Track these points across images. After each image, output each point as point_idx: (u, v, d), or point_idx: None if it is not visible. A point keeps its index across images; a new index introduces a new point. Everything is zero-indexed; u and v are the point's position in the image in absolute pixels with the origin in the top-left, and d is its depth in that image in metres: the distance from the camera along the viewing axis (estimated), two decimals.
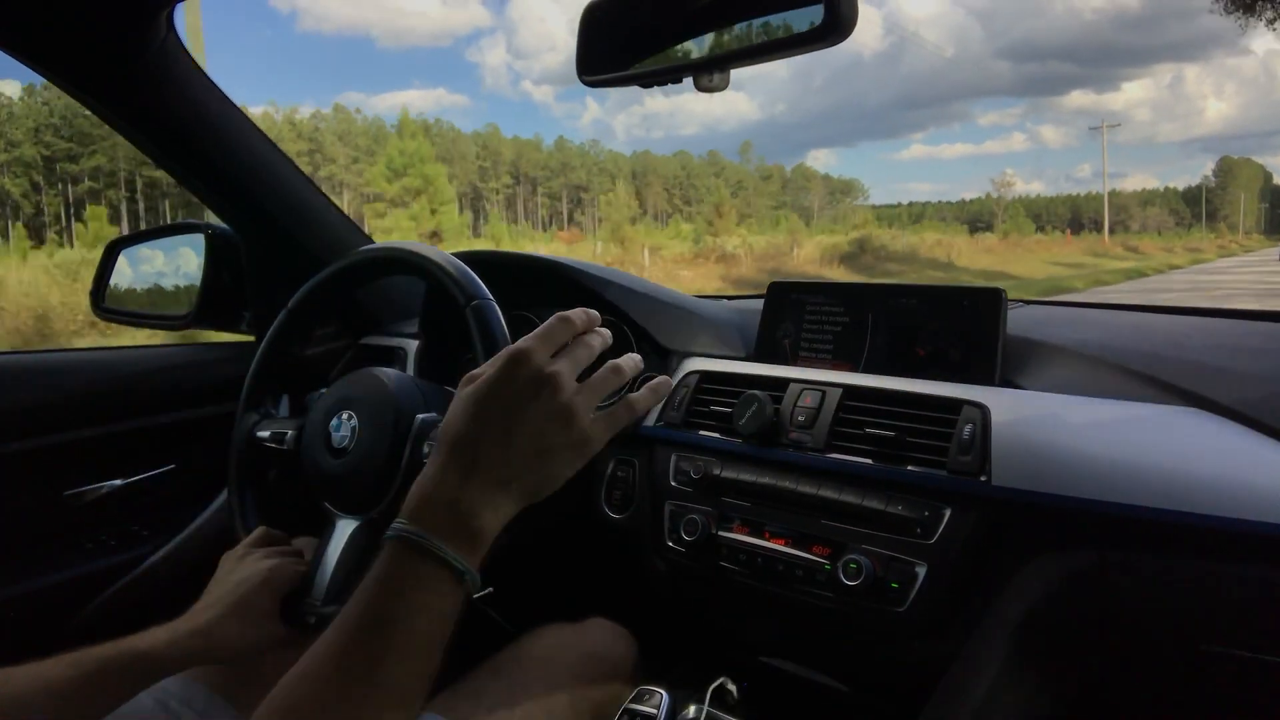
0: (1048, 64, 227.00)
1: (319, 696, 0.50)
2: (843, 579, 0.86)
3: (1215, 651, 0.71)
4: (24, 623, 1.09)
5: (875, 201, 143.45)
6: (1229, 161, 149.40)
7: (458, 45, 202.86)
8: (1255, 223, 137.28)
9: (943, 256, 30.03)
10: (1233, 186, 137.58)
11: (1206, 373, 0.82)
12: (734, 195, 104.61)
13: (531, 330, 0.61)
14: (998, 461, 0.81)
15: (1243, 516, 0.69)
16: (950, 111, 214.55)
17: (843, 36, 0.65)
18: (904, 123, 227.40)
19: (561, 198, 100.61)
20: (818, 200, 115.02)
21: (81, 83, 1.06)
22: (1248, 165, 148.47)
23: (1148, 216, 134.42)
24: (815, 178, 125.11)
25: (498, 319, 0.81)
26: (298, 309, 0.97)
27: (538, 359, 0.58)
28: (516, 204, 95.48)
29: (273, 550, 0.83)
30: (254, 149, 1.23)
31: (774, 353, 1.07)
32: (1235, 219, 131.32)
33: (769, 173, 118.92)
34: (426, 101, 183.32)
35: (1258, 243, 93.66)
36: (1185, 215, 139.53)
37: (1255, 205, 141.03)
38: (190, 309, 1.34)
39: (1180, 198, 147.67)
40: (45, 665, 0.67)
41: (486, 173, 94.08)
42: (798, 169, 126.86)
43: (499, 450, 0.56)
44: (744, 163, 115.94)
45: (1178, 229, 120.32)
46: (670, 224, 59.36)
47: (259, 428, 0.94)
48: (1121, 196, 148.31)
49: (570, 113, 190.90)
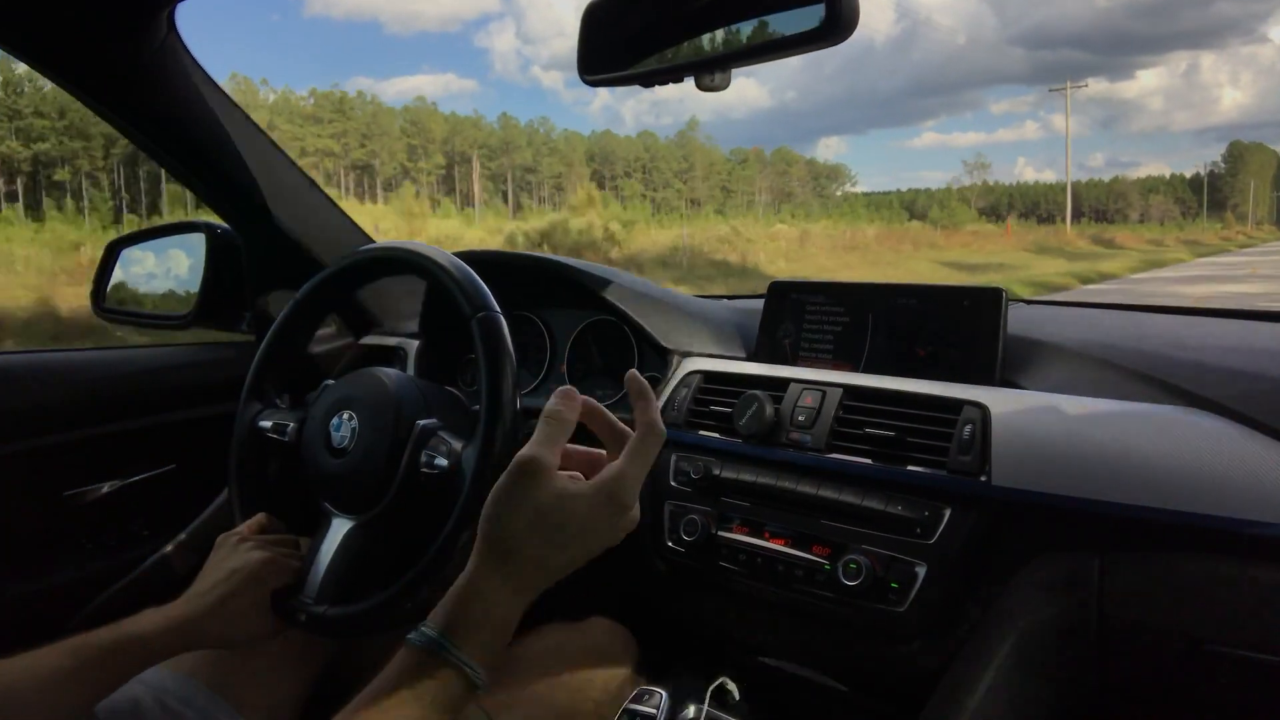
0: (1061, 51, 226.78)
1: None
2: (843, 579, 0.86)
3: (1216, 651, 0.71)
4: (24, 623, 1.09)
5: (868, 188, 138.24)
6: (1239, 146, 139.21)
7: (466, 30, 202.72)
8: (1268, 212, 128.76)
9: (735, 258, 21.08)
10: (1244, 173, 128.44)
11: (1206, 373, 0.82)
12: (683, 179, 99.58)
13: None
14: (998, 461, 0.81)
15: (1243, 516, 0.69)
16: (963, 99, 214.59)
17: (843, 36, 0.65)
18: (916, 110, 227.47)
19: (507, 179, 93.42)
20: (799, 186, 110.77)
21: (82, 82, 1.06)
22: (1260, 151, 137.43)
23: (1150, 205, 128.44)
24: (797, 162, 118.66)
25: (503, 333, 0.81)
26: (304, 302, 0.97)
27: (559, 478, 0.60)
28: (455, 185, 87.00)
29: (268, 541, 0.83)
30: (254, 148, 1.23)
31: (774, 353, 1.07)
32: (1245, 208, 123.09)
33: (744, 156, 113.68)
34: (435, 87, 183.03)
35: (1269, 234, 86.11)
36: (1192, 204, 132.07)
37: (1268, 193, 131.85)
38: (190, 309, 1.34)
39: (1188, 185, 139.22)
40: (42, 653, 0.68)
41: (416, 151, 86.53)
42: (778, 152, 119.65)
43: (542, 564, 0.59)
44: (710, 144, 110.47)
45: (1183, 219, 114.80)
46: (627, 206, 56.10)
47: (261, 418, 0.94)
48: (1122, 184, 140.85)
49: (580, 99, 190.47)
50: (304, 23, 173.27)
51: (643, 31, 0.78)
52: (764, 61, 0.73)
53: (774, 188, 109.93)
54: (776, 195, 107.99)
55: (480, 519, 0.59)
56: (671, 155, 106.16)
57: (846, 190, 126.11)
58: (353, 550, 0.82)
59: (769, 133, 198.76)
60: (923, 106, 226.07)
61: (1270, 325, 1.06)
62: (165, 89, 1.10)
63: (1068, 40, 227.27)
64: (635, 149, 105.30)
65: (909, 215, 77.12)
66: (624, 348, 1.22)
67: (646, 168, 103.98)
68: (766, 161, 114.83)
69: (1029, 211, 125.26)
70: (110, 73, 1.05)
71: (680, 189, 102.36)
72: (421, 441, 0.81)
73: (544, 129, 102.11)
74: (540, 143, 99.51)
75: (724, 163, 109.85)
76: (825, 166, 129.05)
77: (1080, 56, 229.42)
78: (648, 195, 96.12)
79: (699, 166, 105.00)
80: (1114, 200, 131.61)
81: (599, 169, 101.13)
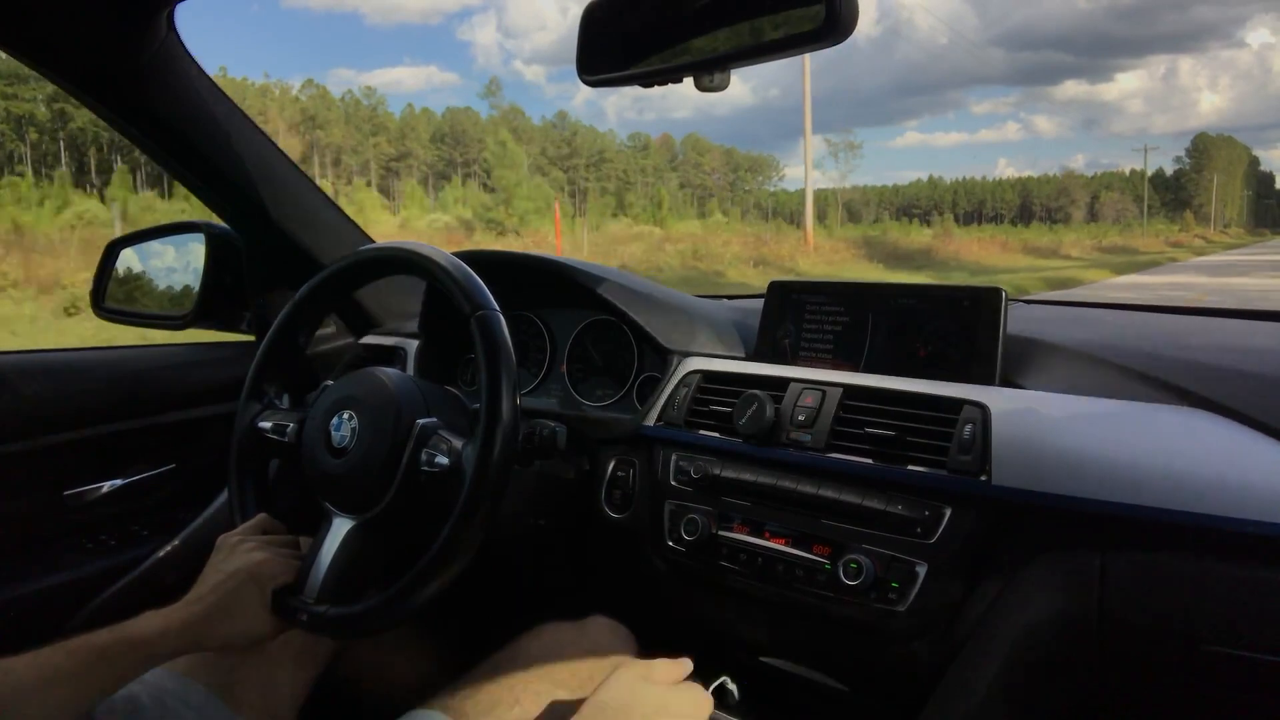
0: (1042, 53, 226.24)
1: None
2: (843, 579, 0.86)
3: (1216, 652, 0.71)
4: (24, 623, 1.09)
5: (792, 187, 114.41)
6: (1205, 139, 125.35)
7: (449, 22, 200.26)
8: (1238, 213, 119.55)
9: None
10: (1209, 168, 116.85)
11: (1206, 373, 0.82)
12: (562, 168, 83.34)
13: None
14: (998, 461, 0.81)
15: (1243, 516, 0.69)
16: (944, 100, 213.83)
17: (843, 36, 0.65)
18: (898, 110, 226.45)
19: (370, 170, 75.58)
20: (711, 178, 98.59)
21: (81, 82, 1.06)
22: (1228, 145, 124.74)
23: (1103, 204, 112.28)
24: (711, 152, 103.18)
25: (502, 331, 0.81)
26: (304, 301, 0.97)
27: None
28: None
29: (267, 541, 0.83)
30: (254, 149, 1.23)
31: (774, 352, 1.07)
32: (1211, 208, 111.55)
33: (644, 142, 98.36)
34: (417, 79, 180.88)
35: (1235, 238, 76.31)
36: (1153, 201, 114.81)
37: (1238, 191, 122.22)
38: (190, 309, 1.35)
39: (1150, 183, 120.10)
40: (42, 654, 0.68)
41: None
42: (688, 140, 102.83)
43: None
44: (604, 130, 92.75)
45: (1135, 219, 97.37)
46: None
47: (261, 418, 0.94)
48: (1069, 180, 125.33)
49: (563, 93, 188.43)
50: (283, 14, 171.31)
51: (642, 31, 0.78)
52: (764, 61, 0.73)
53: (690, 181, 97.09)
54: (697, 190, 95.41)
55: None
56: (548, 139, 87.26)
57: (778, 187, 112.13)
58: (353, 550, 0.82)
59: (753, 130, 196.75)
60: (905, 106, 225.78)
61: (1270, 325, 1.06)
62: (165, 89, 1.10)
63: (1049, 42, 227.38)
64: (498, 129, 76.33)
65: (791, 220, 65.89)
66: (624, 347, 1.22)
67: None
68: (676, 151, 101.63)
69: (905, 211, 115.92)
70: (110, 73, 1.05)
71: (558, 178, 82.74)
72: (422, 440, 0.81)
73: (370, 101, 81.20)
74: (364, 118, 79.02)
75: (615, 150, 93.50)
76: (746, 158, 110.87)
77: (1061, 58, 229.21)
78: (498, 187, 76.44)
79: (584, 153, 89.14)
80: (1055, 197, 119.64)
81: (448, 152, 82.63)
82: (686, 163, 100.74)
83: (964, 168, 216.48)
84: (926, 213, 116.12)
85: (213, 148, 1.18)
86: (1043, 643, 0.78)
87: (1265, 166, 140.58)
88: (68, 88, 1.06)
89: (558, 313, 1.30)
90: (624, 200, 67.47)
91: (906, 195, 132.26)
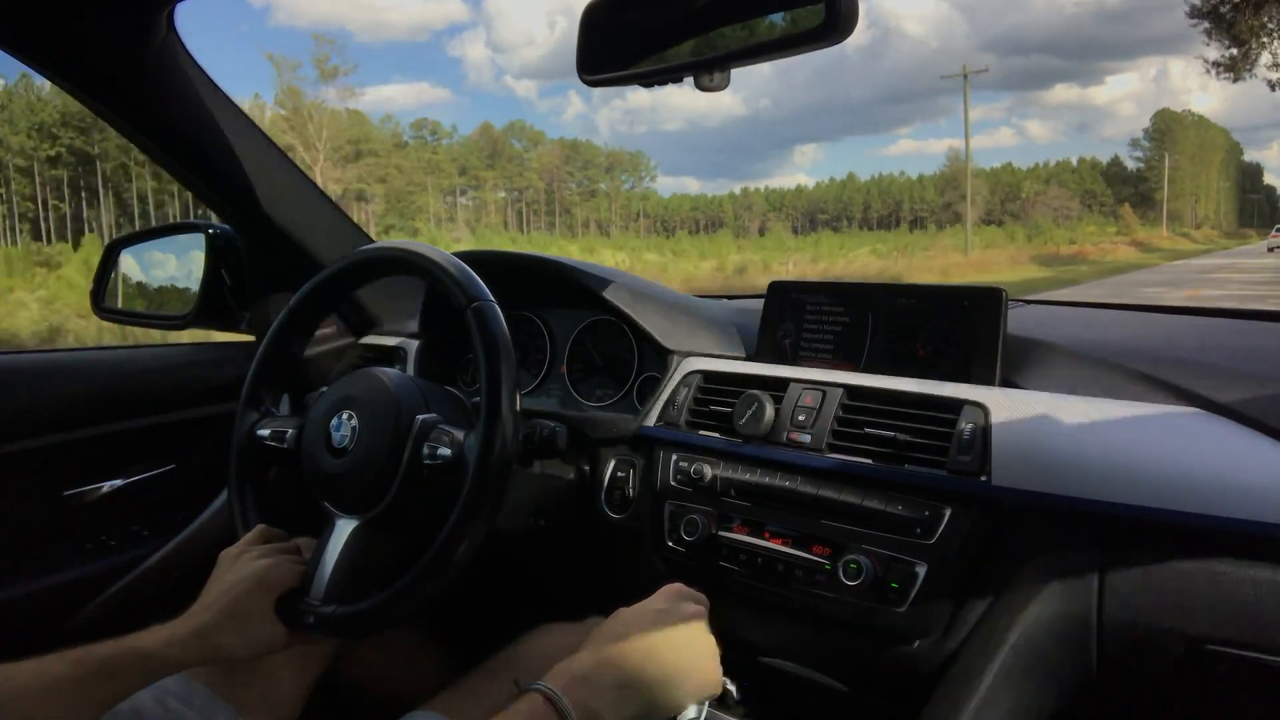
0: (1032, 57, 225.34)
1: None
2: (843, 579, 0.86)
3: (1216, 651, 0.71)
4: (24, 623, 1.09)
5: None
6: (1168, 117, 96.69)
7: (437, 39, 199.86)
8: (1214, 210, 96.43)
9: None
10: (1173, 153, 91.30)
11: (1206, 373, 0.82)
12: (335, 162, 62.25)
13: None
14: (998, 461, 0.81)
15: (1243, 516, 0.69)
16: (936, 106, 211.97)
17: (843, 36, 0.65)
18: (890, 117, 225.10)
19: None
20: (540, 177, 78.79)
21: (81, 82, 1.06)
22: (1200, 127, 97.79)
23: (1036, 200, 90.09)
24: (549, 145, 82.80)
25: (499, 320, 0.82)
26: (299, 308, 0.97)
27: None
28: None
29: (269, 549, 0.82)
30: (254, 149, 1.23)
31: (774, 353, 1.07)
32: (1178, 205, 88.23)
33: (433, 128, 75.57)
34: (408, 96, 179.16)
35: (1202, 241, 61.52)
36: (1105, 196, 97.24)
37: (1213, 183, 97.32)
38: (190, 309, 1.34)
39: (1101, 175, 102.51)
40: (46, 661, 0.68)
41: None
42: (513, 126, 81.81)
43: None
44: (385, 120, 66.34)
45: (1079, 218, 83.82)
46: None
47: (259, 426, 0.94)
48: (1011, 173, 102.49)
49: (554, 108, 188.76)
50: (270, 32, 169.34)
51: (642, 31, 0.78)
52: (763, 61, 0.73)
53: (514, 185, 79.49)
54: (529, 190, 79.57)
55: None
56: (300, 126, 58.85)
57: (645, 187, 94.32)
58: (358, 549, 0.81)
59: (744, 140, 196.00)
60: (896, 113, 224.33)
61: (1270, 325, 1.06)
62: (165, 89, 1.10)
63: (1038, 46, 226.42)
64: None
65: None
66: (624, 348, 1.22)
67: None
68: (495, 141, 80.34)
69: (810, 217, 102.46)
70: (110, 73, 1.05)
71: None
72: (423, 435, 0.81)
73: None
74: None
75: (386, 141, 65.16)
76: (609, 155, 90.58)
77: (1052, 62, 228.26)
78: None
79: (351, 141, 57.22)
80: (998, 193, 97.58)
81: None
82: (504, 157, 78.97)
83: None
84: (834, 218, 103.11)
85: (212, 147, 1.18)
86: (1043, 642, 0.78)
87: (1249, 157, 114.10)
88: (68, 87, 1.06)
89: (558, 313, 1.30)
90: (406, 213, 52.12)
91: (811, 199, 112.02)
